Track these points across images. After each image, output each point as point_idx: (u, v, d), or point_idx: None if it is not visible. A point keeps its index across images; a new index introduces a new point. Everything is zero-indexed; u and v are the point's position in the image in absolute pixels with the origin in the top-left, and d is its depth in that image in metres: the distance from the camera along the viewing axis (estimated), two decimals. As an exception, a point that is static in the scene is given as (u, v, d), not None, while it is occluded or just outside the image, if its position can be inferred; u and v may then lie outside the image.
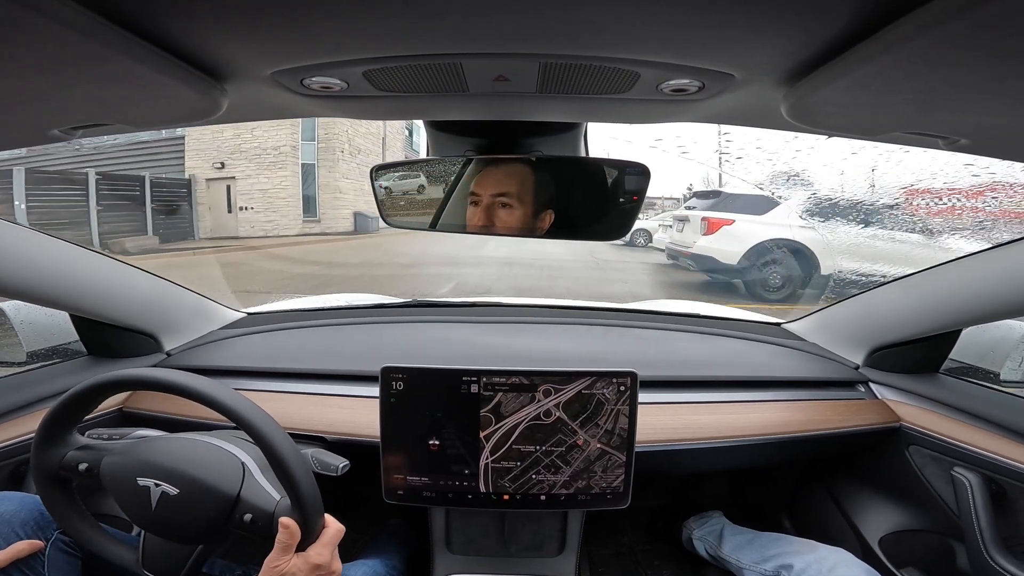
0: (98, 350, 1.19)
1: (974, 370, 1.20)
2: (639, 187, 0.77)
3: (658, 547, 1.53)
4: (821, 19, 0.38)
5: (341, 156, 13.99)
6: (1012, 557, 0.93)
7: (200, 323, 1.33)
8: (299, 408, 1.08)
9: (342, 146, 14.06)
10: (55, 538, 0.86)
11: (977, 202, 2.59)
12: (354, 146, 14.59)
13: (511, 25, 0.41)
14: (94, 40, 0.39)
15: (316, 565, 0.71)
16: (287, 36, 0.43)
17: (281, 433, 0.72)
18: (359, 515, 1.55)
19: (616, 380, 0.92)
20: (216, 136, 12.90)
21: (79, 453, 0.79)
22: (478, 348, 1.30)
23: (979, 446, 0.99)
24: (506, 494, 0.95)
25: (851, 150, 3.79)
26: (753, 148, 5.89)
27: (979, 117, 0.49)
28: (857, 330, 1.25)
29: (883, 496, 1.20)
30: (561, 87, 0.55)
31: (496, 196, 0.79)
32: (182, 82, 0.48)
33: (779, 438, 1.07)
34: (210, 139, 12.94)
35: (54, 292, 0.99)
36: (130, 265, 1.14)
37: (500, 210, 0.79)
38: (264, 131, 13.02)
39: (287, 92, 0.56)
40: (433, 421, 0.93)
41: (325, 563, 0.72)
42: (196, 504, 0.72)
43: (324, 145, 13.87)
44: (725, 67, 0.48)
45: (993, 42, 0.34)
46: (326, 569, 0.72)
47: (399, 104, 0.62)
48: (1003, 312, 0.95)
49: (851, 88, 0.44)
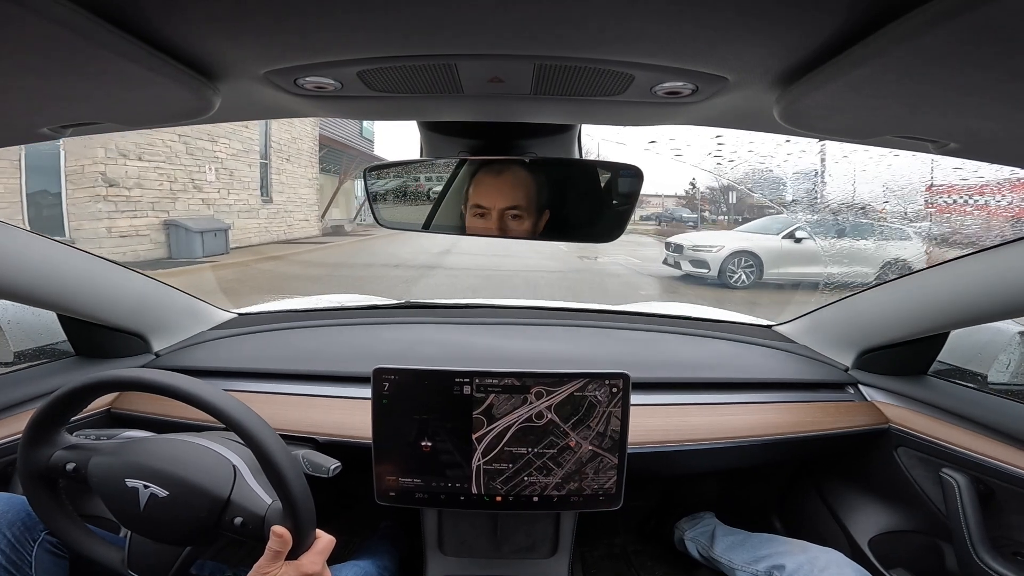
0: (86, 350, 1.17)
1: (962, 372, 1.21)
2: (632, 189, 0.78)
3: (650, 548, 1.53)
4: (813, 23, 0.38)
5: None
6: (1000, 558, 0.94)
7: (190, 323, 1.32)
8: (290, 409, 1.07)
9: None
10: (42, 539, 0.85)
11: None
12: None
13: (506, 26, 0.41)
14: (86, 39, 0.38)
15: (307, 574, 0.70)
16: (281, 36, 0.43)
17: (272, 435, 0.71)
18: (351, 517, 1.55)
19: (608, 382, 0.92)
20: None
21: (66, 453, 0.77)
22: (470, 349, 1.30)
23: (967, 447, 1.00)
24: (498, 496, 0.95)
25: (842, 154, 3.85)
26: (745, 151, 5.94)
27: (969, 121, 0.50)
28: (846, 332, 1.26)
29: (873, 497, 1.21)
30: (555, 89, 0.55)
31: (507, 209, 0.80)
32: (174, 81, 0.48)
33: (770, 439, 1.08)
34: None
35: (41, 292, 0.97)
36: (119, 265, 1.13)
37: (511, 221, 0.80)
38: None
39: (280, 92, 0.55)
40: (425, 422, 0.92)
41: (316, 572, 0.71)
42: (185, 506, 0.72)
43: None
44: (718, 70, 0.48)
45: (983, 47, 0.34)
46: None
47: (393, 104, 0.62)
48: (990, 315, 0.97)
49: (843, 92, 0.45)
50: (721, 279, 7.03)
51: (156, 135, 7.72)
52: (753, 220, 8.69)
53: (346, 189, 17.52)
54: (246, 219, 9.97)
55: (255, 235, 10.25)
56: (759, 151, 3.39)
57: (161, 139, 7.85)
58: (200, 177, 8.81)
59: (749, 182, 4.33)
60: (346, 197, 17.94)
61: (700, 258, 7.29)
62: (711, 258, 7.16)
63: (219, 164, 9.17)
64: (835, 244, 4.32)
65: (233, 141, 9.47)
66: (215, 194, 9.18)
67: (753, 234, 7.59)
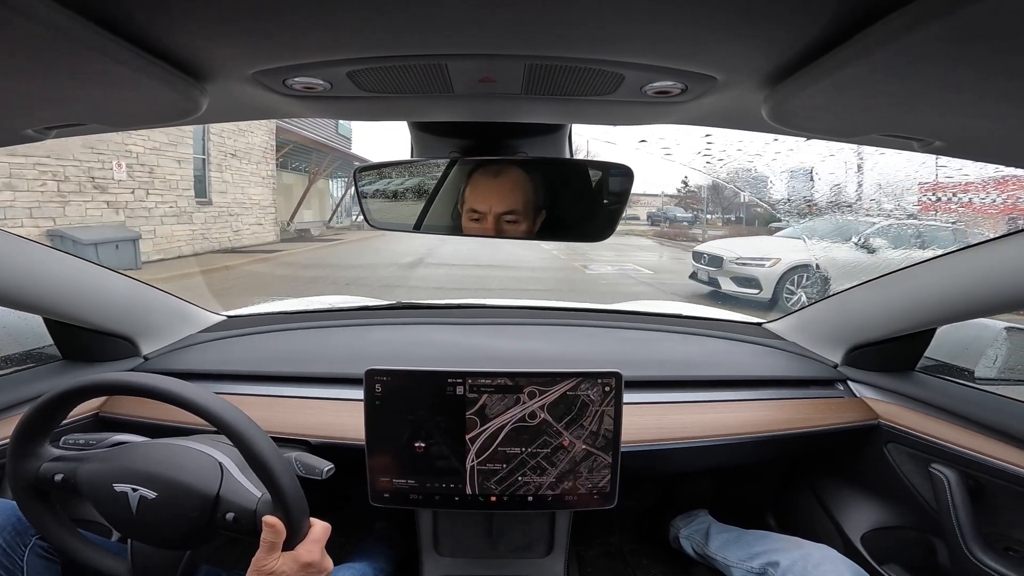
0: (73, 354, 1.16)
1: (949, 368, 1.22)
2: (623, 188, 0.78)
3: (646, 546, 1.54)
4: (800, 23, 0.39)
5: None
6: (992, 553, 0.95)
7: (178, 326, 1.31)
8: (282, 412, 1.06)
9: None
10: (33, 543, 0.85)
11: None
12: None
13: (497, 26, 0.41)
14: (72, 40, 0.38)
15: (306, 563, 0.70)
16: (269, 36, 0.43)
17: (257, 430, 0.72)
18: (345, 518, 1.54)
19: (601, 381, 0.92)
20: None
21: (54, 464, 0.77)
22: (463, 350, 1.30)
23: (955, 443, 1.01)
24: (493, 495, 0.95)
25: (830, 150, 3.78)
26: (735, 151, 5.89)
27: (953, 120, 0.50)
28: (835, 329, 1.27)
29: (864, 493, 1.22)
30: (546, 88, 0.55)
31: (504, 214, 0.79)
32: (161, 82, 0.47)
33: (761, 437, 1.08)
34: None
35: (27, 295, 0.96)
36: (106, 268, 1.11)
37: (507, 225, 0.80)
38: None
39: (269, 92, 0.55)
40: (418, 423, 0.92)
41: (316, 561, 0.71)
42: (176, 506, 0.72)
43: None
44: (707, 70, 0.48)
45: (967, 46, 0.34)
46: (317, 567, 0.72)
47: (383, 105, 0.62)
48: (977, 311, 0.98)
49: (829, 91, 0.45)
50: (774, 302, 5.47)
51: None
52: (781, 222, 6.84)
53: (320, 189, 16.49)
54: (173, 225, 8.55)
55: (186, 244, 8.78)
56: (797, 150, 3.08)
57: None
58: (105, 175, 7.29)
59: (786, 178, 3.88)
60: (320, 198, 16.94)
61: (747, 274, 5.74)
62: (763, 274, 5.65)
63: (133, 159, 7.67)
64: (918, 257, 3.64)
65: (155, 132, 7.90)
66: (127, 196, 7.66)
67: (814, 241, 5.32)
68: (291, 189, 14.34)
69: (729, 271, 5.91)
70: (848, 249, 4.58)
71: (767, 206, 5.87)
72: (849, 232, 4.62)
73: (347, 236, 14.68)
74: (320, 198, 16.92)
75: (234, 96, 0.57)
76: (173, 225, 8.54)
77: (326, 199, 17.48)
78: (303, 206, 14.73)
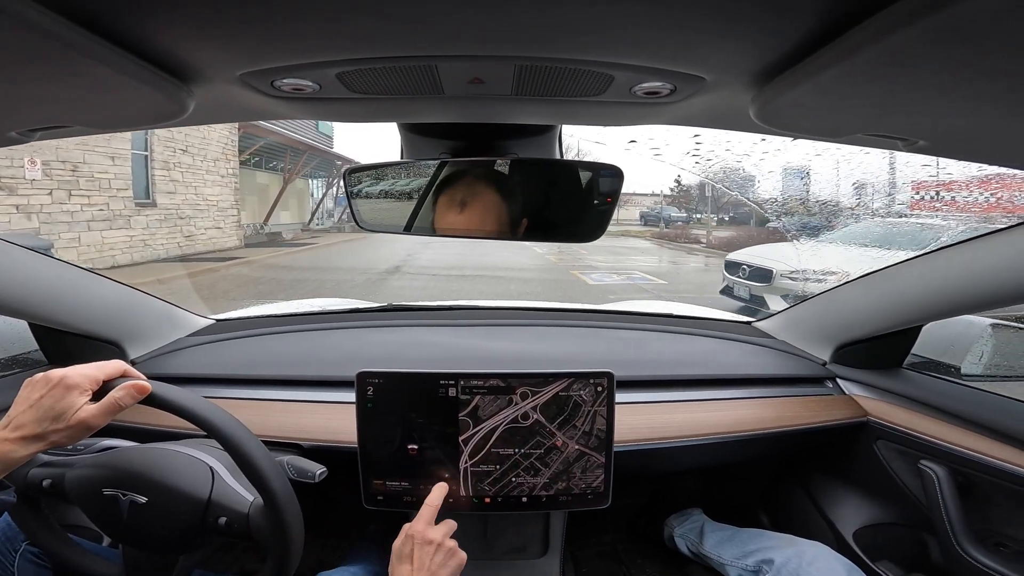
0: (59, 359, 1.14)
1: (936, 364, 1.24)
2: (613, 188, 0.78)
3: (640, 545, 1.54)
4: (786, 25, 0.39)
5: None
6: (983, 548, 0.96)
7: (166, 330, 1.29)
8: (273, 415, 1.06)
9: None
10: (23, 549, 0.85)
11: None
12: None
13: (486, 27, 0.41)
14: (56, 41, 0.37)
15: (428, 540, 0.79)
16: (256, 37, 0.42)
17: (248, 434, 0.71)
18: (338, 522, 1.53)
19: (593, 381, 0.92)
20: None
21: (42, 471, 0.77)
22: (455, 351, 1.30)
23: (943, 439, 1.02)
24: (487, 497, 0.94)
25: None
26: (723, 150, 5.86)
27: (937, 119, 0.51)
28: (823, 327, 1.29)
29: (856, 490, 1.23)
30: (536, 89, 0.55)
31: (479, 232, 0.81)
32: (146, 84, 0.47)
33: (753, 435, 1.09)
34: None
35: (11, 300, 0.95)
36: (92, 271, 1.10)
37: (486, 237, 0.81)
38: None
39: (256, 94, 0.55)
40: (411, 426, 0.92)
41: (435, 538, 0.80)
42: (167, 511, 0.72)
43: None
44: (696, 70, 0.48)
45: (949, 47, 0.35)
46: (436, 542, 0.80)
47: (373, 106, 0.62)
48: (964, 307, 0.99)
49: (815, 91, 0.46)
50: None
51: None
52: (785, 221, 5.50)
53: (300, 189, 15.80)
54: (104, 231, 7.57)
55: (122, 252, 7.82)
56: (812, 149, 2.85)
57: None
58: (15, 174, 6.36)
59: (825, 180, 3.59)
60: (299, 198, 16.24)
61: (803, 292, 4.46)
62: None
63: (51, 156, 6.81)
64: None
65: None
66: (43, 198, 6.75)
67: (878, 250, 3.99)
68: (267, 189, 13.71)
69: (781, 288, 4.66)
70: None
71: (755, 205, 5.76)
72: (926, 239, 3.52)
73: (322, 240, 13.96)
74: (299, 199, 16.16)
75: (221, 98, 0.56)
76: (104, 231, 7.61)
77: (306, 200, 16.80)
78: (279, 207, 14.03)
